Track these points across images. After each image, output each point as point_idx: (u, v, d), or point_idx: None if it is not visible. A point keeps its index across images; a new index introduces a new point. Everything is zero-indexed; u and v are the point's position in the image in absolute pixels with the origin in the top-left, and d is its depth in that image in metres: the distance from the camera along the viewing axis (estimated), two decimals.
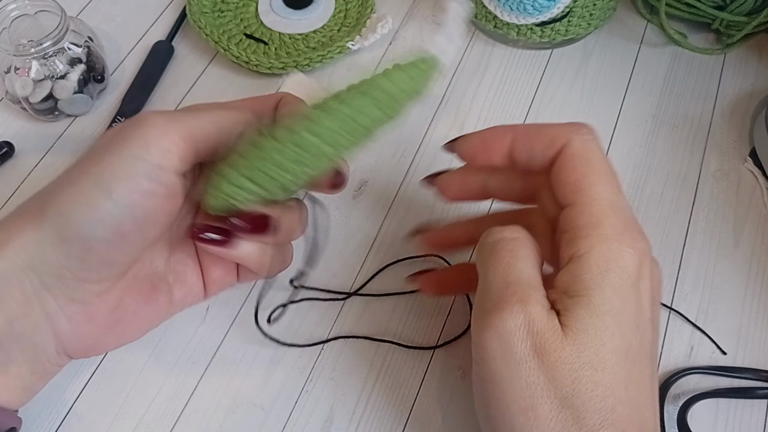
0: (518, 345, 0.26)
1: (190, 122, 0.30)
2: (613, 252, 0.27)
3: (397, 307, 0.39)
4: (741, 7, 0.47)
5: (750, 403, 0.36)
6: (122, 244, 0.29)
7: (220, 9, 0.50)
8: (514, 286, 0.27)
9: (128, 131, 0.29)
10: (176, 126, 0.29)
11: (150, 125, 0.29)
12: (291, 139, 0.29)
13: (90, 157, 0.29)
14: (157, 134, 0.29)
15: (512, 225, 0.30)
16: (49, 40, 0.42)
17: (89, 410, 0.36)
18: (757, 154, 0.44)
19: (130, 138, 0.29)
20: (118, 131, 0.29)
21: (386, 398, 0.36)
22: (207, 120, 0.30)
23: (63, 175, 0.29)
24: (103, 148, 0.29)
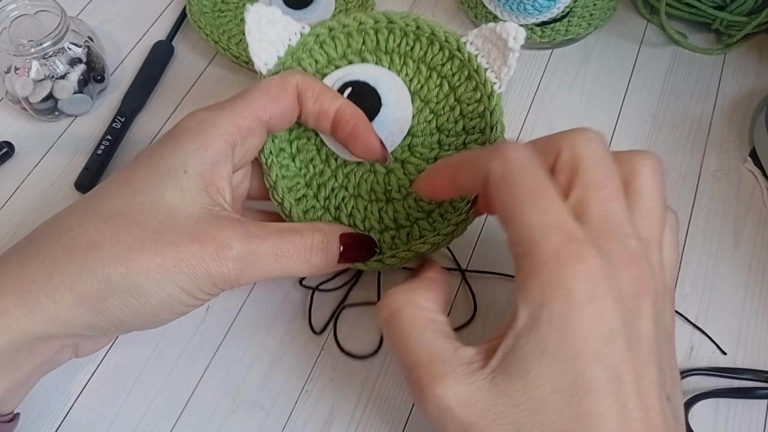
0: (449, 425, 0.24)
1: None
2: (547, 279, 0.23)
3: None
4: (741, 7, 0.47)
5: (750, 403, 0.36)
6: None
7: (220, 9, 0.50)
8: (417, 368, 0.25)
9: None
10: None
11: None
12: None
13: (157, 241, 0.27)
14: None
15: (404, 287, 0.28)
16: (49, 40, 0.42)
17: (89, 410, 0.36)
18: (757, 154, 0.44)
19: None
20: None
21: (386, 398, 0.36)
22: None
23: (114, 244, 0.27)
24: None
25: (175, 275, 0.27)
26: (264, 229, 0.30)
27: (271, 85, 0.32)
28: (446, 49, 0.37)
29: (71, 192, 0.43)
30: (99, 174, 0.43)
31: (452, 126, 0.37)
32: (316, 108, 0.33)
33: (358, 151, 0.34)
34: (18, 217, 0.42)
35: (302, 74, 0.33)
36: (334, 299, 0.39)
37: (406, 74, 0.37)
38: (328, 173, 0.36)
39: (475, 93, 0.36)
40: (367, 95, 0.36)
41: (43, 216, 0.42)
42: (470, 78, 0.36)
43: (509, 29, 0.34)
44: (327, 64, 0.37)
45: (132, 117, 0.46)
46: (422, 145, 0.37)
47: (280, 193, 0.35)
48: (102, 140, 0.44)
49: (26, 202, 0.42)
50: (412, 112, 0.37)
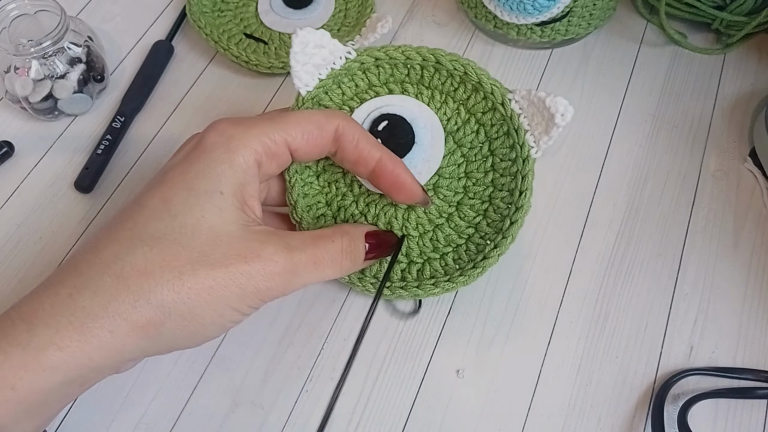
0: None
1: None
2: None
3: (398, 304, 0.39)
4: (741, 7, 0.47)
5: (750, 403, 0.36)
6: None
7: (219, 9, 0.50)
8: None
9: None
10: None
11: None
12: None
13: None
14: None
15: None
16: (49, 40, 0.42)
17: (89, 410, 0.36)
18: (756, 154, 0.44)
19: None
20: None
21: (386, 398, 0.36)
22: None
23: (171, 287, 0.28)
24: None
25: (225, 295, 0.28)
26: (300, 239, 0.31)
27: (310, 119, 0.32)
28: (490, 99, 0.36)
29: (71, 192, 0.43)
30: (99, 174, 0.43)
31: (482, 176, 0.36)
32: (354, 155, 0.33)
33: (401, 198, 0.34)
34: (18, 217, 0.42)
35: (345, 117, 0.33)
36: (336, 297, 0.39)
37: (444, 113, 0.37)
38: (350, 198, 0.36)
39: (511, 152, 0.36)
40: (402, 131, 0.36)
41: (43, 216, 0.42)
42: (508, 135, 0.36)
43: (559, 105, 0.33)
44: (367, 90, 0.37)
45: (132, 117, 0.46)
46: (448, 187, 0.36)
47: (300, 212, 0.36)
48: (102, 140, 0.44)
49: (26, 202, 0.42)
50: (444, 152, 0.36)
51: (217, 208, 0.29)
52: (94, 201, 0.43)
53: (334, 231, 0.32)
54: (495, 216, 0.36)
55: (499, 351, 0.38)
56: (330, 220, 0.36)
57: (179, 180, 0.29)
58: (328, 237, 0.32)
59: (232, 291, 0.28)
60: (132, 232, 0.28)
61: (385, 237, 0.35)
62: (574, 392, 0.37)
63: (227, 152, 0.30)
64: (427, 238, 0.36)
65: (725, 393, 0.36)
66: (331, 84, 0.36)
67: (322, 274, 0.31)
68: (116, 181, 0.43)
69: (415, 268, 0.36)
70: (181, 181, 0.29)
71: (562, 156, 0.44)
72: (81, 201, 0.43)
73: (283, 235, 0.30)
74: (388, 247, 0.35)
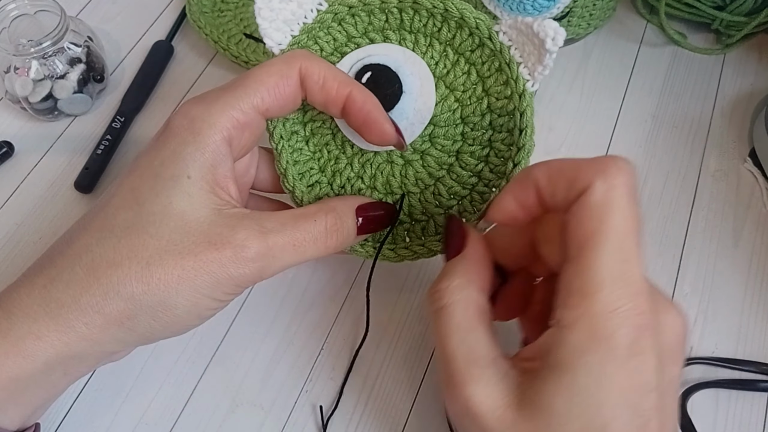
0: (469, 428, 0.25)
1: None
2: (599, 330, 0.23)
3: (396, 308, 0.39)
4: (741, 7, 0.47)
5: (750, 395, 0.36)
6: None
7: (219, 9, 0.50)
8: (453, 365, 0.26)
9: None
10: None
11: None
12: None
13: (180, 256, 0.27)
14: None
15: (458, 276, 0.28)
16: (49, 40, 0.42)
17: (89, 410, 0.36)
18: (756, 154, 0.44)
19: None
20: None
21: (386, 398, 0.36)
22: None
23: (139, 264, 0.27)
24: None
25: (197, 284, 0.27)
26: (278, 220, 0.29)
27: (270, 71, 0.30)
28: (476, 35, 0.33)
29: (71, 192, 0.43)
30: (99, 174, 0.43)
31: (478, 119, 0.34)
32: (322, 96, 0.31)
33: (373, 138, 0.31)
34: (18, 217, 0.42)
35: (306, 56, 0.31)
36: (336, 296, 0.39)
37: (431, 57, 0.34)
38: (344, 161, 0.34)
39: (505, 88, 0.33)
40: (387, 81, 0.33)
41: (42, 215, 0.42)
42: (501, 70, 0.33)
43: (548, 29, 0.30)
44: (346, 42, 0.34)
45: (132, 117, 0.46)
46: (444, 136, 0.34)
47: (291, 180, 0.34)
48: (102, 140, 0.44)
49: (26, 202, 0.42)
50: (436, 99, 0.34)
51: (185, 193, 0.28)
52: (94, 201, 0.43)
53: (318, 209, 0.30)
54: (497, 160, 0.33)
55: None
56: (326, 187, 0.34)
57: (146, 167, 0.29)
58: (309, 216, 0.30)
59: (204, 279, 0.27)
60: (102, 223, 0.28)
61: (380, 208, 0.33)
62: None
63: (192, 134, 0.28)
64: (429, 192, 0.34)
65: (726, 384, 0.36)
66: (306, 40, 0.34)
67: (304, 255, 0.30)
68: None
69: (419, 226, 0.34)
70: (147, 168, 0.29)
71: (562, 156, 0.44)
72: (81, 201, 0.43)
73: (258, 218, 0.29)
74: (384, 219, 0.33)
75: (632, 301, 0.24)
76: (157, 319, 0.27)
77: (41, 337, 0.26)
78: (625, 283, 0.24)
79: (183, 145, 0.28)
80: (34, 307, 0.27)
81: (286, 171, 0.34)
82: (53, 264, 0.28)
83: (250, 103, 0.29)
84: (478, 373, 0.25)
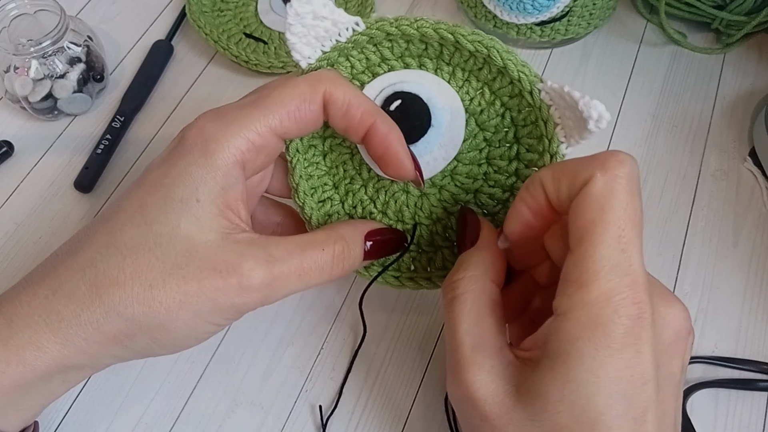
0: (469, 413, 0.26)
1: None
2: (593, 318, 0.24)
3: (397, 306, 0.39)
4: (741, 7, 0.47)
5: (750, 395, 0.36)
6: None
7: (219, 8, 0.50)
8: (459, 351, 0.27)
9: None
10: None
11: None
12: None
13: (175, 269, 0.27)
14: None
15: (472, 268, 0.29)
16: (49, 40, 0.42)
17: (89, 410, 0.36)
18: (756, 153, 0.44)
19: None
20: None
21: (386, 398, 0.36)
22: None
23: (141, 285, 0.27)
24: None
25: (198, 309, 0.27)
26: (285, 248, 0.28)
27: (293, 94, 0.29)
28: (516, 87, 0.31)
29: (71, 191, 0.43)
30: (98, 173, 0.43)
31: (505, 164, 0.32)
32: (343, 123, 0.30)
33: (390, 172, 0.31)
34: (18, 217, 0.42)
35: (332, 80, 0.29)
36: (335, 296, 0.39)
37: (466, 92, 0.32)
38: (359, 182, 0.33)
39: (538, 144, 0.31)
40: (416, 112, 0.31)
41: (42, 215, 0.42)
42: (536, 125, 0.31)
43: (593, 111, 0.27)
44: (380, 63, 0.33)
45: (131, 116, 0.46)
46: (467, 174, 0.33)
47: (302, 197, 0.33)
48: (101, 140, 0.44)
49: (26, 202, 0.42)
50: (465, 135, 0.32)
51: (194, 217, 0.27)
52: (94, 201, 0.43)
53: (327, 236, 0.30)
54: None
55: None
56: (337, 204, 0.34)
57: (156, 184, 0.28)
58: (318, 245, 0.29)
59: (206, 306, 0.27)
60: (108, 238, 0.28)
61: (390, 235, 0.32)
62: None
63: (205, 155, 0.28)
64: (440, 225, 0.33)
65: (726, 383, 0.36)
66: (337, 56, 0.32)
67: (308, 284, 0.29)
68: (116, 181, 0.43)
69: (426, 257, 0.34)
70: (158, 186, 0.28)
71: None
72: (81, 201, 0.43)
73: (265, 245, 0.28)
74: (393, 246, 0.33)
75: (629, 290, 0.24)
76: (155, 340, 0.27)
77: (41, 348, 0.26)
78: (622, 273, 0.24)
79: (194, 166, 0.28)
80: (35, 317, 0.27)
81: (298, 186, 0.33)
82: (56, 274, 0.28)
83: (267, 125, 0.28)
84: (482, 361, 0.26)
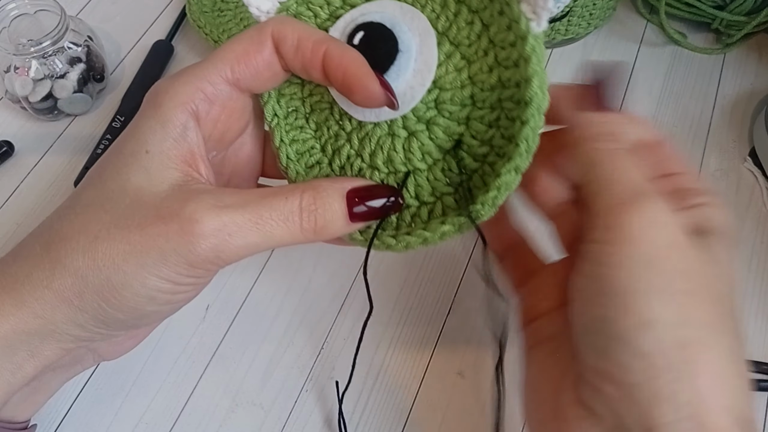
0: (672, 230, 0.23)
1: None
2: (621, 211, 0.24)
3: (398, 305, 0.39)
4: (741, 7, 0.47)
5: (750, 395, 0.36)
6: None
7: (219, 8, 0.50)
8: (644, 186, 0.24)
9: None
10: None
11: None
12: None
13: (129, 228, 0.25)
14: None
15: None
16: (49, 40, 0.42)
17: (89, 410, 0.36)
18: (756, 153, 0.44)
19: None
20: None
21: (386, 398, 0.36)
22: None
23: (95, 239, 0.26)
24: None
25: (143, 261, 0.25)
26: (241, 197, 0.26)
27: (240, 39, 0.27)
28: None
29: (71, 191, 0.43)
30: None
31: (486, 76, 0.28)
32: (297, 59, 0.27)
33: (358, 98, 0.28)
34: (18, 217, 0.42)
35: (280, 20, 0.28)
36: (336, 296, 0.39)
37: (432, 10, 0.29)
38: (343, 137, 0.30)
39: (509, 34, 0.27)
40: (382, 39, 0.29)
41: (42, 215, 0.41)
42: (503, 14, 0.28)
43: None
44: (342, 5, 0.31)
45: (132, 116, 0.45)
46: (451, 100, 0.29)
47: (284, 160, 0.30)
48: (102, 140, 0.44)
49: (26, 202, 0.42)
50: (440, 58, 0.29)
51: (143, 168, 0.26)
52: None
53: (296, 186, 0.27)
54: (507, 122, 0.28)
55: None
56: (326, 167, 0.31)
57: (113, 146, 0.28)
58: (281, 194, 0.27)
59: (150, 255, 0.25)
60: (69, 202, 0.28)
61: (378, 191, 0.29)
62: None
63: (153, 107, 0.27)
64: (438, 169, 0.29)
65: None
66: (296, 7, 0.30)
67: (271, 237, 0.26)
68: None
69: (426, 209, 0.29)
70: (114, 147, 0.28)
71: None
72: None
73: (219, 192, 0.26)
74: (386, 204, 0.29)
75: (644, 189, 0.24)
76: (105, 300, 0.26)
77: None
78: (634, 181, 0.24)
79: (144, 119, 0.27)
80: None
81: (280, 150, 0.30)
82: (20, 244, 0.28)
83: (217, 73, 0.27)
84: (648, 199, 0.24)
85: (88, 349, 0.30)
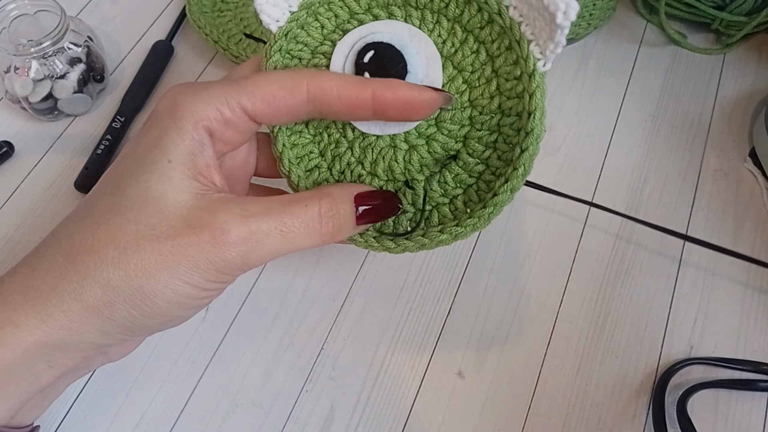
0: None
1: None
2: None
3: (398, 305, 0.39)
4: (741, 7, 0.47)
5: (750, 395, 0.37)
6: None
7: (219, 9, 0.50)
8: None
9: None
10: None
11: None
12: None
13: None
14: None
15: None
16: (49, 40, 0.42)
17: (89, 410, 0.36)
18: (756, 153, 0.44)
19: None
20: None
21: (386, 398, 0.36)
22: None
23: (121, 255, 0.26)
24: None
25: (175, 270, 0.26)
26: (264, 205, 0.28)
27: (271, 80, 0.29)
28: (485, 11, 0.31)
29: (71, 192, 0.43)
30: (99, 174, 0.43)
31: (487, 102, 0.31)
32: (344, 106, 0.29)
33: (423, 115, 0.30)
34: (18, 217, 0.42)
35: (312, 74, 0.29)
36: (336, 296, 0.39)
37: (438, 35, 0.32)
38: (345, 145, 0.32)
39: (515, 68, 0.30)
40: (391, 60, 0.31)
41: (42, 215, 0.42)
42: (511, 49, 0.30)
43: (559, 2, 0.27)
44: (349, 19, 0.33)
45: (132, 117, 0.46)
46: (451, 120, 0.31)
47: (287, 165, 0.32)
48: (102, 140, 0.44)
49: (26, 202, 0.42)
50: (443, 80, 0.31)
51: (166, 177, 0.27)
52: None
53: (311, 194, 0.29)
54: (505, 147, 0.31)
55: (498, 351, 0.38)
56: (325, 172, 0.33)
57: (130, 153, 0.28)
58: (300, 201, 0.28)
59: (183, 265, 0.26)
60: (84, 211, 0.28)
61: (382, 197, 0.31)
62: (574, 392, 0.37)
63: (173, 119, 0.28)
64: (434, 181, 0.32)
65: (726, 384, 0.36)
66: (305, 16, 0.32)
67: (294, 243, 0.28)
68: None
69: (422, 216, 0.32)
70: (131, 154, 0.28)
71: (562, 156, 0.44)
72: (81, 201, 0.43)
73: (243, 202, 0.28)
74: (387, 208, 0.31)
75: None
76: (136, 308, 0.26)
77: (20, 325, 0.26)
78: None
79: (164, 130, 0.28)
80: (14, 296, 0.26)
81: (282, 155, 0.32)
82: (36, 253, 0.28)
83: (238, 102, 0.28)
84: None
85: (100, 352, 0.30)
